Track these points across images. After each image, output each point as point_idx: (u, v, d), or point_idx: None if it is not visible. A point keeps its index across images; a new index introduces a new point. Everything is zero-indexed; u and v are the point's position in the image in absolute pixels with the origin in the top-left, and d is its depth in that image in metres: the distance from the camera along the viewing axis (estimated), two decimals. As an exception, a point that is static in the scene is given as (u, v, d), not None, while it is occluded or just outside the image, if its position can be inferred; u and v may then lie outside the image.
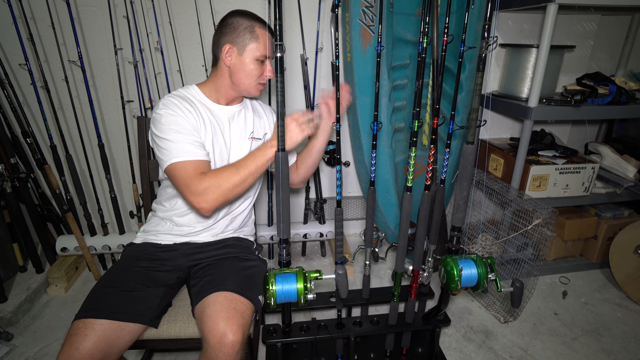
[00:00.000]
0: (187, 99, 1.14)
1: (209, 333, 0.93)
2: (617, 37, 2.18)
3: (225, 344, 0.92)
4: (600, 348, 1.59)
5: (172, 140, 1.04)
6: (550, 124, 2.32)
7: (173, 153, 1.03)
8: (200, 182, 1.00)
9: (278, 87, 0.93)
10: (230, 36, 1.10)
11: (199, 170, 1.03)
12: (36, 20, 1.70)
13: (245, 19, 1.10)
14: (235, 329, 0.94)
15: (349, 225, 2.42)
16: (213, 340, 0.92)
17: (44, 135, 1.84)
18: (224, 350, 0.92)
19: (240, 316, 0.98)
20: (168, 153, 1.04)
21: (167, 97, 1.12)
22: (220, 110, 1.19)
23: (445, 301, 1.26)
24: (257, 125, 1.27)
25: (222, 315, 0.95)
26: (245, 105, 1.27)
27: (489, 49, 0.97)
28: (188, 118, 1.08)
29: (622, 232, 1.94)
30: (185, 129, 1.06)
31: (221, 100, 1.19)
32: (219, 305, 0.98)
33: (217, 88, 1.18)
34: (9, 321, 1.64)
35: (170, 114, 1.06)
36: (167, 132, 1.04)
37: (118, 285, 1.05)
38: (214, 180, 1.01)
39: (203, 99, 1.17)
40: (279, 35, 0.90)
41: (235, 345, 0.93)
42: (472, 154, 1.09)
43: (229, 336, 0.92)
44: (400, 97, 1.85)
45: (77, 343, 0.91)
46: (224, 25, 1.11)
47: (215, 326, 0.93)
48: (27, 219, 1.88)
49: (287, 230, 1.08)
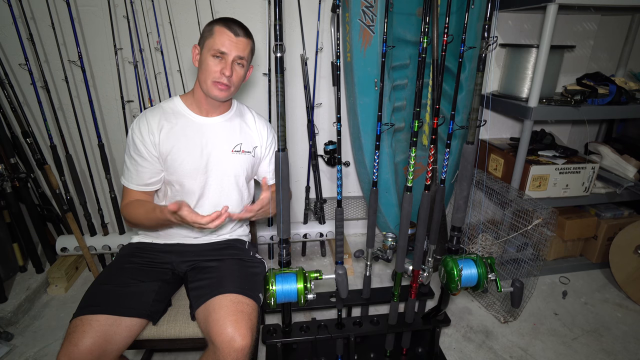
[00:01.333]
0: (164, 113, 1.15)
1: (217, 337, 0.93)
2: (617, 37, 2.18)
3: (235, 348, 0.92)
4: (600, 348, 1.59)
5: (126, 163, 1.17)
6: (550, 124, 2.32)
7: (125, 174, 1.18)
8: (123, 209, 1.18)
9: (278, 87, 0.93)
10: (200, 38, 1.13)
11: (129, 199, 1.17)
12: (36, 20, 1.70)
13: (215, 21, 1.10)
14: (244, 333, 0.94)
15: (349, 225, 2.42)
16: (222, 345, 0.92)
17: (44, 135, 1.85)
18: (233, 355, 0.92)
19: (247, 319, 0.98)
20: (123, 171, 1.19)
21: (142, 114, 1.16)
22: (201, 121, 1.17)
23: (445, 301, 1.26)
24: (246, 138, 1.23)
25: (230, 320, 0.95)
26: (232, 116, 1.23)
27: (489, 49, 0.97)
28: (147, 142, 1.12)
29: (622, 232, 1.94)
30: (140, 155, 1.13)
31: (202, 110, 1.18)
32: (225, 309, 0.98)
33: (194, 95, 1.18)
34: (9, 321, 1.64)
35: (135, 136, 1.13)
36: (127, 153, 1.16)
37: (113, 282, 1.06)
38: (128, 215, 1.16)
39: (184, 110, 1.17)
40: (279, 35, 0.90)
41: (245, 349, 0.93)
42: (472, 154, 1.09)
43: (237, 341, 0.93)
44: (400, 97, 1.85)
45: (76, 340, 0.91)
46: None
47: (224, 331, 0.93)
48: (27, 219, 1.88)
49: (287, 230, 1.08)
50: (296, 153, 2.12)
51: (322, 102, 2.01)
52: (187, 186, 1.16)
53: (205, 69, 1.09)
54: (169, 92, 1.85)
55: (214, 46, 1.07)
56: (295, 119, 2.03)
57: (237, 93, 1.22)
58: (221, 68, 1.08)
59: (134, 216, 1.14)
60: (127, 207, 1.16)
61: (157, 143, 1.12)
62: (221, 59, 1.08)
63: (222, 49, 1.07)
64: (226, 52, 1.07)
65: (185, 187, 1.16)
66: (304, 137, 2.06)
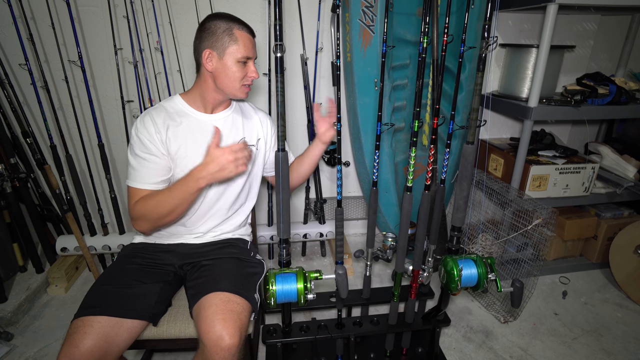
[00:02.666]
0: (167, 113, 1.13)
1: (205, 335, 0.93)
2: (617, 37, 2.18)
3: (222, 347, 0.92)
4: (600, 348, 1.59)
5: (131, 164, 1.10)
6: (550, 124, 2.32)
7: (130, 175, 1.11)
8: (133, 210, 1.08)
9: (278, 87, 0.94)
10: (209, 41, 1.07)
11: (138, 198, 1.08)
12: (36, 20, 1.70)
13: (223, 22, 1.07)
14: (232, 332, 0.93)
15: (349, 225, 2.42)
16: (209, 343, 0.92)
17: (44, 135, 1.85)
18: (220, 354, 0.92)
19: (237, 317, 0.97)
20: (128, 173, 1.12)
21: (145, 113, 1.13)
22: (205, 119, 1.17)
23: (445, 301, 1.26)
24: (248, 132, 1.24)
25: (219, 318, 0.95)
26: (233, 111, 1.23)
27: (489, 49, 0.97)
28: (155, 140, 1.09)
29: (622, 232, 1.94)
30: (149, 152, 1.09)
31: (207, 107, 1.17)
32: (214, 307, 0.97)
33: (202, 94, 1.15)
34: (9, 321, 1.64)
35: (141, 134, 1.09)
36: (132, 153, 1.10)
37: (115, 283, 1.06)
38: (142, 211, 1.06)
39: (186, 109, 1.16)
40: (279, 35, 0.90)
41: (232, 348, 0.93)
42: (472, 154, 1.09)
43: (225, 339, 0.92)
44: (400, 97, 1.85)
45: (76, 341, 0.91)
46: (202, 31, 1.08)
47: (212, 329, 0.93)
48: (27, 219, 1.88)
49: (287, 230, 1.08)
50: (296, 153, 2.10)
51: (322, 102, 2.01)
52: None
53: (232, 75, 1.09)
54: (169, 92, 1.85)
55: (240, 53, 1.07)
56: (295, 119, 2.03)
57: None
58: (248, 72, 1.11)
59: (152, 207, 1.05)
60: (137, 205, 1.07)
61: (165, 141, 1.10)
62: (246, 62, 1.11)
63: (249, 55, 1.09)
64: (252, 56, 1.11)
65: None
66: (304, 137, 2.06)
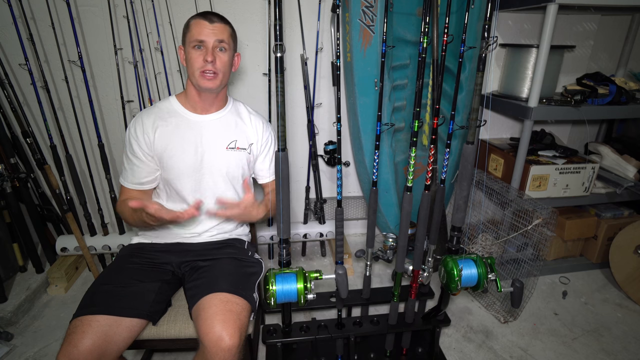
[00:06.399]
0: (158, 114, 1.17)
1: (205, 336, 0.93)
2: (617, 37, 2.18)
3: (222, 348, 0.92)
4: (600, 348, 1.59)
5: (123, 163, 1.20)
6: (550, 124, 2.32)
7: (122, 173, 1.20)
8: (118, 207, 1.20)
9: (278, 87, 0.93)
10: (182, 38, 1.15)
11: (124, 197, 1.18)
12: (36, 20, 1.70)
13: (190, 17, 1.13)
14: (231, 332, 0.93)
15: (349, 225, 2.42)
16: (209, 344, 0.92)
17: (44, 135, 1.84)
18: (220, 355, 0.92)
19: (236, 318, 0.97)
20: (121, 171, 1.21)
21: (138, 115, 1.19)
22: (195, 119, 1.19)
23: (445, 301, 1.26)
24: (241, 135, 1.23)
25: (218, 318, 0.95)
26: (228, 112, 1.24)
27: (489, 49, 0.97)
28: (142, 143, 1.14)
29: (622, 232, 1.94)
30: (135, 155, 1.16)
31: (197, 107, 1.19)
32: (214, 308, 0.98)
33: (187, 93, 1.19)
34: (9, 321, 1.64)
35: (131, 136, 1.16)
36: (124, 153, 1.19)
37: (113, 283, 1.06)
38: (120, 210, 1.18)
39: (179, 109, 1.19)
40: (279, 35, 0.90)
41: (232, 349, 0.93)
42: (472, 154, 1.09)
43: (225, 340, 0.92)
44: (400, 97, 1.85)
45: (76, 341, 0.91)
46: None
47: (212, 330, 0.93)
48: (27, 219, 1.88)
49: (287, 230, 1.08)
50: (296, 153, 2.12)
51: (322, 102, 2.01)
52: (184, 184, 1.17)
53: (190, 62, 1.11)
54: (169, 92, 1.85)
55: (192, 37, 1.09)
56: (295, 119, 2.03)
57: (236, 92, 1.22)
58: (204, 56, 1.09)
59: (124, 215, 1.16)
60: (120, 205, 1.18)
61: (152, 142, 1.14)
62: (202, 47, 1.10)
63: (200, 37, 1.09)
64: (204, 39, 1.09)
65: (182, 185, 1.17)
66: (304, 137, 2.06)
